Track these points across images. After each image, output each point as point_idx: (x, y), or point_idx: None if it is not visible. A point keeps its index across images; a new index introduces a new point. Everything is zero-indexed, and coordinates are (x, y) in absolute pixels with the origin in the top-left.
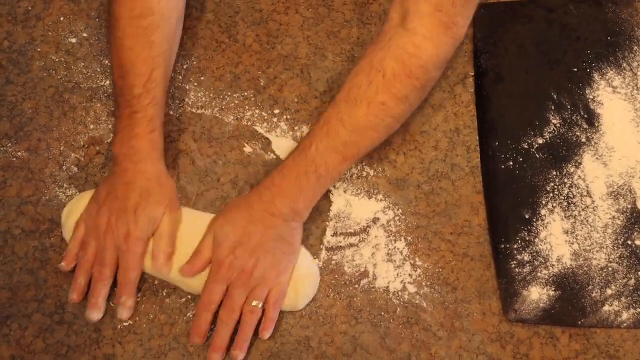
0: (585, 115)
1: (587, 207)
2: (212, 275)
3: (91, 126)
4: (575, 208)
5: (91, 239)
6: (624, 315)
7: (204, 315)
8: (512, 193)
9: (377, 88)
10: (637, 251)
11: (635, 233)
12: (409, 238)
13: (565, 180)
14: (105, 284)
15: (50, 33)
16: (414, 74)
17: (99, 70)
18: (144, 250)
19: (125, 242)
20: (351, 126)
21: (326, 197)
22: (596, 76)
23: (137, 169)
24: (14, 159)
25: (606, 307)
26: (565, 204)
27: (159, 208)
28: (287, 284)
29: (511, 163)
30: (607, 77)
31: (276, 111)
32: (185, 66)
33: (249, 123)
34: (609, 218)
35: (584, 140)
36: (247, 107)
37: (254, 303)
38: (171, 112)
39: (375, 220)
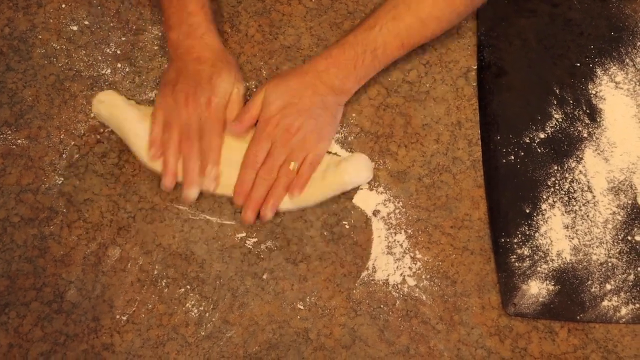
0: (588, 111)
1: (588, 202)
2: (259, 132)
3: (92, 115)
4: (576, 203)
5: (173, 119)
6: (623, 311)
7: (248, 173)
8: (513, 187)
9: None
10: (637, 247)
11: (636, 229)
12: (409, 231)
13: (567, 175)
14: (197, 159)
15: (51, 20)
16: None
17: (100, 58)
18: (225, 118)
19: (207, 109)
20: (417, 13)
21: None
22: (599, 71)
23: (202, 44)
24: (14, 146)
25: (605, 303)
26: (566, 198)
27: (230, 76)
28: (323, 153)
29: (512, 157)
30: (610, 72)
31: None
32: None
33: None
34: (610, 213)
35: (585, 135)
36: (249, 98)
37: (291, 165)
38: None
39: (375, 212)
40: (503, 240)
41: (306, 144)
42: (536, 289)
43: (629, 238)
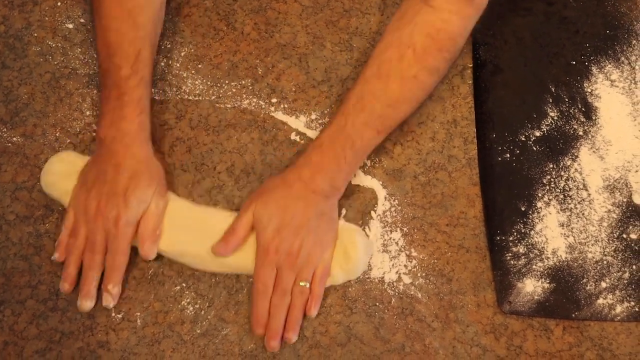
0: (583, 109)
1: (583, 200)
2: (261, 260)
3: (87, 112)
4: (571, 201)
5: (81, 225)
6: (618, 309)
7: (262, 304)
8: (509, 185)
9: (409, 63)
10: (632, 245)
11: (631, 227)
12: (405, 229)
13: (562, 173)
14: (97, 271)
15: (47, 18)
16: (444, 47)
17: (96, 56)
18: (133, 235)
19: (115, 226)
20: (386, 101)
21: None
22: (594, 69)
23: (126, 152)
24: (9, 144)
25: (600, 300)
26: (562, 196)
27: (148, 191)
28: (331, 260)
29: (508, 155)
30: (605, 70)
31: (274, 100)
32: (182, 53)
33: (245, 112)
34: (605, 211)
35: (581, 133)
36: (244, 96)
37: (302, 284)
38: (168, 100)
39: None
40: (498, 238)
41: (311, 259)
42: (531, 286)
43: (624, 236)
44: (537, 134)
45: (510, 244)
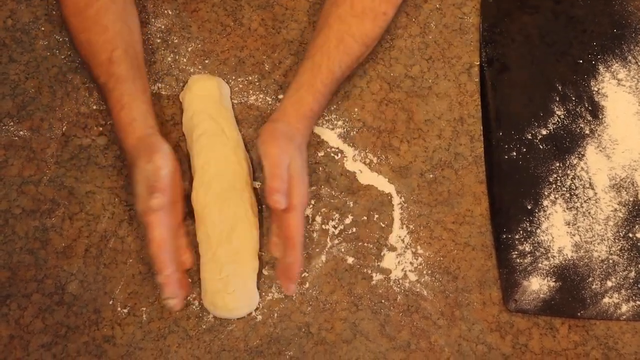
0: (590, 108)
1: (590, 199)
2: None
3: (94, 107)
4: (578, 200)
5: None
6: (624, 308)
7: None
8: (515, 183)
9: None
10: (638, 244)
11: (637, 226)
12: (411, 226)
13: (568, 171)
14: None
15: (54, 12)
16: None
17: None
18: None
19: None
20: (362, 40)
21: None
22: (601, 68)
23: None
24: (16, 138)
25: (606, 299)
26: (568, 195)
27: (147, 167)
28: None
29: (514, 153)
30: (612, 69)
31: (280, 96)
32: (190, 49)
33: (252, 108)
34: (611, 210)
35: (587, 132)
36: (251, 92)
37: None
38: (175, 95)
39: None
40: (504, 236)
41: None
42: (537, 285)
43: (630, 235)
44: (544, 132)
45: (516, 242)
